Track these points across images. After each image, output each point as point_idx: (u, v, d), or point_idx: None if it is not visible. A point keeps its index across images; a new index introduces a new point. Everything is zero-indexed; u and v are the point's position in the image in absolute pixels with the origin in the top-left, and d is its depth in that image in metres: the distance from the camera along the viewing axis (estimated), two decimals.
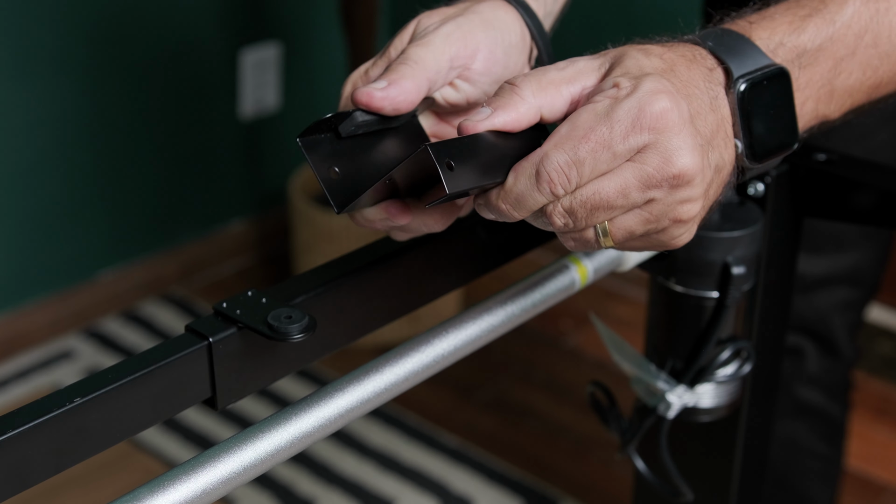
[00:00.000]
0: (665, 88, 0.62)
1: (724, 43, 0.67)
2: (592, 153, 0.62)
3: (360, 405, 0.70)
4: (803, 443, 1.31)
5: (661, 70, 0.64)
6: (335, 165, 0.69)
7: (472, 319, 0.76)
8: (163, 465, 2.00)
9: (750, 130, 0.67)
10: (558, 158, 0.62)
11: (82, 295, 2.39)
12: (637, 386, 0.88)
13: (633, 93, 0.62)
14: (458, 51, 0.73)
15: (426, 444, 2.07)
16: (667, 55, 0.66)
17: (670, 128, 0.61)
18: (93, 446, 0.62)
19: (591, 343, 2.35)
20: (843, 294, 1.25)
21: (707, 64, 0.67)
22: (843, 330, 1.27)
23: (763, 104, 0.66)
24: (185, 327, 0.67)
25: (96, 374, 0.63)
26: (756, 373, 0.91)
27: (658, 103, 0.61)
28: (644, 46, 0.66)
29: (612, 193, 0.63)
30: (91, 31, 2.24)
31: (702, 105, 0.65)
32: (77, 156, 2.30)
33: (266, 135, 2.63)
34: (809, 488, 1.35)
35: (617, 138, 0.61)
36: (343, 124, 0.70)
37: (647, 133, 0.61)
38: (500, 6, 0.75)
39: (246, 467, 0.65)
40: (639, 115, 0.61)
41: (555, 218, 0.63)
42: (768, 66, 0.67)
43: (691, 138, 0.62)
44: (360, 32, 2.31)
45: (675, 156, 0.62)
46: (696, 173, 0.62)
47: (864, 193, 0.83)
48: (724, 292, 0.82)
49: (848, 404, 1.35)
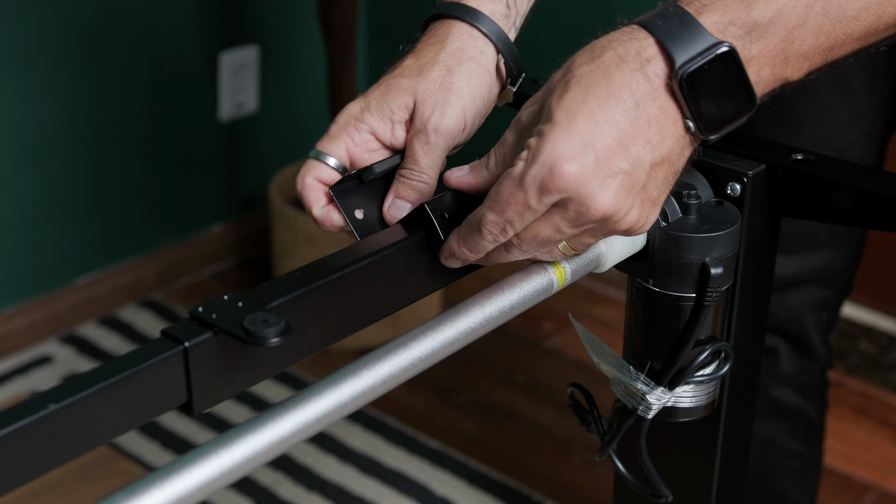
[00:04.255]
0: (565, 150, 0.68)
1: (671, 27, 0.70)
2: (517, 214, 0.71)
3: (338, 408, 0.70)
4: (780, 443, 1.32)
5: (575, 105, 0.69)
6: (359, 208, 0.84)
7: (450, 322, 0.76)
8: (142, 470, 1.99)
9: (700, 111, 0.71)
10: (491, 219, 0.72)
11: (61, 300, 2.38)
12: (616, 387, 0.88)
13: (536, 157, 0.69)
14: (454, 140, 0.84)
15: (407, 448, 2.07)
16: (593, 72, 0.70)
17: (577, 183, 0.69)
18: (68, 452, 0.62)
19: (572, 344, 2.35)
20: (815, 294, 1.25)
21: (643, 56, 0.70)
22: (817, 330, 1.28)
23: (710, 85, 0.70)
24: (161, 332, 0.67)
25: (70, 379, 0.62)
26: (735, 373, 0.92)
27: (559, 168, 0.68)
28: (573, 66, 0.71)
29: (549, 233, 0.72)
30: (68, 33, 2.23)
31: (624, 113, 0.69)
32: (54, 159, 2.29)
33: (245, 138, 2.62)
34: (787, 489, 1.35)
35: (532, 201, 0.70)
36: (365, 173, 0.83)
37: (557, 193, 0.69)
38: (472, 42, 0.83)
39: (224, 472, 0.65)
40: (545, 180, 0.69)
41: (509, 256, 0.75)
42: (713, 48, 0.70)
43: (602, 180, 0.69)
44: (338, 36, 2.31)
45: (591, 203, 0.69)
46: (618, 207, 0.70)
47: (841, 193, 0.83)
48: (703, 293, 0.82)
49: (824, 403, 1.35)
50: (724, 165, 0.85)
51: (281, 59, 2.63)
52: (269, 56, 2.60)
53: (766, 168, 0.85)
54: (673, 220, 0.82)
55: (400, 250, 0.77)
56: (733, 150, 0.86)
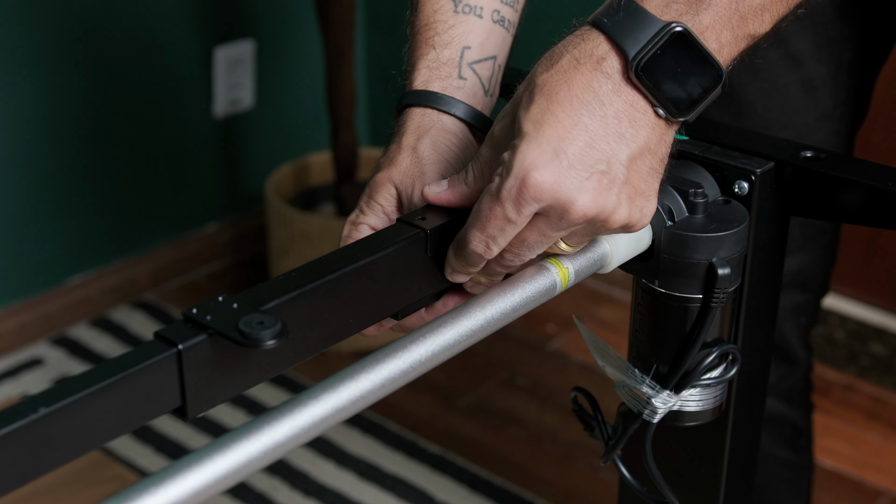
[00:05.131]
0: (536, 159, 0.71)
1: (618, 21, 0.73)
2: (498, 229, 0.74)
3: (336, 412, 0.70)
4: (769, 452, 1.32)
5: (541, 114, 0.72)
6: None
7: (451, 324, 0.76)
8: (135, 475, 1.99)
9: (666, 96, 0.73)
10: (475, 236, 0.75)
11: (51, 301, 2.38)
12: (621, 390, 0.88)
13: (510, 170, 0.72)
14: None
15: (407, 452, 2.07)
16: (553, 78, 0.73)
17: (553, 190, 0.71)
18: (59, 457, 0.62)
19: (576, 346, 2.35)
20: (792, 298, 1.25)
21: (596, 55, 0.72)
22: (796, 335, 1.28)
23: (667, 69, 0.72)
24: (154, 334, 0.67)
25: (61, 382, 0.62)
26: (743, 376, 0.92)
27: (532, 177, 0.71)
28: (534, 76, 0.74)
29: (537, 239, 0.75)
30: (56, 27, 2.23)
31: (591, 114, 0.72)
32: (44, 157, 2.29)
33: (241, 134, 2.62)
34: (780, 497, 1.35)
35: (511, 213, 0.73)
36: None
37: (534, 202, 0.72)
38: (427, 117, 0.89)
39: (219, 477, 0.65)
40: (520, 191, 0.72)
41: (509, 264, 0.78)
42: (662, 32, 0.72)
43: (579, 182, 0.71)
44: (336, 29, 2.31)
45: (570, 207, 0.72)
46: (601, 207, 0.72)
47: (851, 191, 0.83)
48: (710, 294, 0.82)
49: (810, 406, 1.36)
50: (731, 163, 0.85)
51: (277, 54, 2.63)
52: (265, 50, 2.60)
53: (775, 166, 0.85)
54: (679, 219, 0.82)
55: (399, 249, 0.77)
56: (741, 148, 0.86)
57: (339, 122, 2.39)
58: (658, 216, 0.81)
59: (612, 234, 0.76)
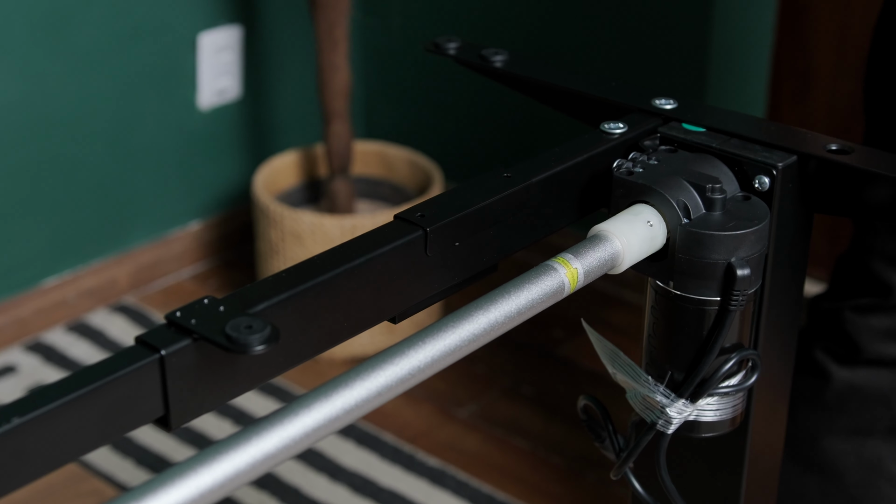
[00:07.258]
0: None
1: None
2: None
3: (329, 423, 0.70)
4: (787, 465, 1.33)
5: None
6: None
7: (452, 328, 0.75)
8: (114, 490, 1.99)
9: None
10: None
11: (25, 305, 2.39)
12: (633, 399, 0.88)
13: None
14: None
15: (404, 466, 2.07)
16: None
17: None
18: (33, 471, 0.62)
19: (585, 352, 2.35)
20: None
21: None
22: None
23: None
24: (135, 339, 0.66)
25: (36, 391, 0.62)
26: (763, 383, 0.92)
27: None
28: None
29: None
30: (31, 11, 2.23)
31: None
32: (15, 152, 2.29)
33: (227, 127, 2.63)
34: None
35: None
36: None
37: None
38: None
39: (204, 492, 0.65)
40: None
41: None
42: None
43: None
44: (328, 14, 2.31)
45: None
46: None
47: (881, 186, 0.83)
48: (728, 296, 0.82)
49: None
50: (751, 157, 0.85)
51: (266, 41, 2.63)
52: (252, 37, 2.60)
53: (798, 159, 0.85)
54: (695, 216, 0.82)
55: (396, 249, 0.77)
56: (761, 140, 0.86)
57: (332, 114, 2.39)
58: (673, 213, 0.81)
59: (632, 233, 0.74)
